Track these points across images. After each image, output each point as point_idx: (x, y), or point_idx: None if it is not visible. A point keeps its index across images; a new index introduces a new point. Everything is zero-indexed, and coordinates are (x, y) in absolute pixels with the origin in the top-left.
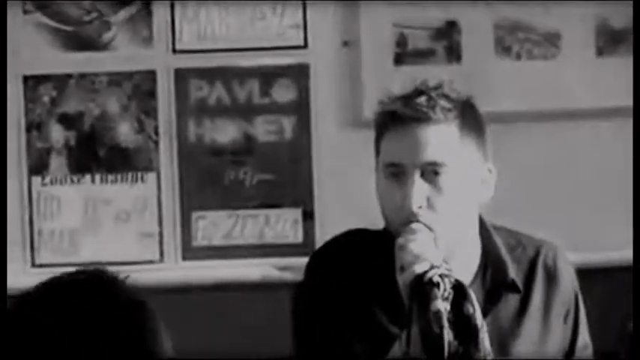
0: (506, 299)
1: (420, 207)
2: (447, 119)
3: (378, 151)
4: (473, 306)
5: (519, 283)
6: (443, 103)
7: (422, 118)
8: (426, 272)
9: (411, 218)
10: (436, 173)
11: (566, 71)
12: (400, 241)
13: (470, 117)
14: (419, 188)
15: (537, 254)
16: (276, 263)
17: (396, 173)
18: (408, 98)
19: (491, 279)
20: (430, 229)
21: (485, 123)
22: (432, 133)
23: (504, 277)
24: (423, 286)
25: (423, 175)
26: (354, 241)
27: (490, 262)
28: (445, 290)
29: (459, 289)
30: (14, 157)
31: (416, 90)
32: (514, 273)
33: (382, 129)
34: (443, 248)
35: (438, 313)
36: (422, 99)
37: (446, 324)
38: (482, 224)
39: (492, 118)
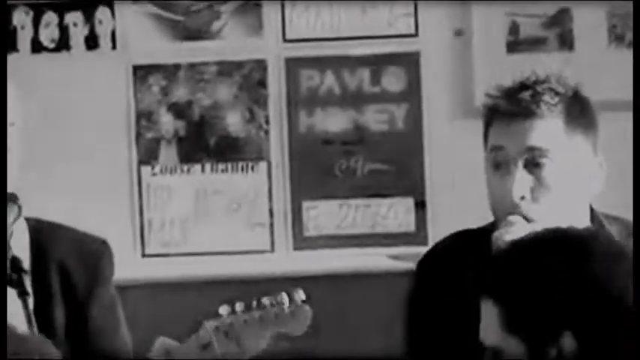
0: None
1: (523, 198)
2: (551, 113)
3: (485, 140)
4: None
5: None
6: (547, 98)
7: (525, 114)
8: None
9: (512, 209)
10: (539, 165)
11: None
12: (496, 234)
13: (577, 110)
14: (521, 179)
15: None
16: (388, 252)
17: (499, 162)
18: (512, 93)
19: None
20: (529, 220)
21: (596, 116)
22: (536, 127)
23: None
24: None
25: (526, 166)
26: (462, 240)
27: None
28: None
29: None
30: (124, 147)
31: (522, 84)
32: None
33: (488, 121)
34: None
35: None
36: (526, 94)
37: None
38: (593, 215)
39: (604, 106)
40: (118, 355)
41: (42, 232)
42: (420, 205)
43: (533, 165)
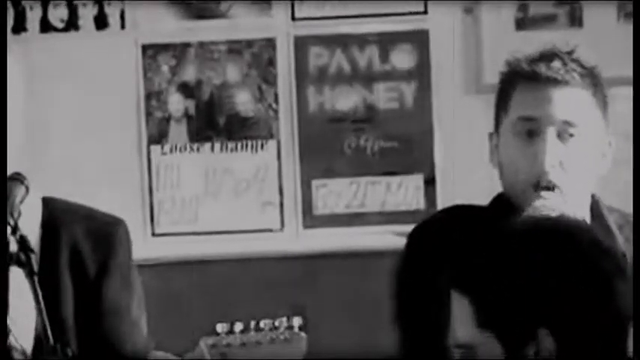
0: None
1: (553, 166)
2: (582, 84)
3: (503, 110)
4: None
5: (629, 257)
6: (577, 68)
7: (560, 81)
8: None
9: (541, 178)
10: (570, 135)
11: None
12: (536, 204)
13: (599, 86)
14: (554, 147)
15: None
16: (398, 230)
17: (529, 130)
18: (543, 60)
19: None
20: (556, 188)
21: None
22: (569, 95)
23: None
24: None
25: (557, 135)
26: (458, 214)
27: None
28: None
29: None
30: (134, 126)
31: (549, 53)
32: (624, 247)
33: (513, 86)
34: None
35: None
36: (557, 63)
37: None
38: (594, 201)
39: (613, 82)
40: (129, 338)
41: (56, 212)
42: (430, 183)
43: (564, 134)
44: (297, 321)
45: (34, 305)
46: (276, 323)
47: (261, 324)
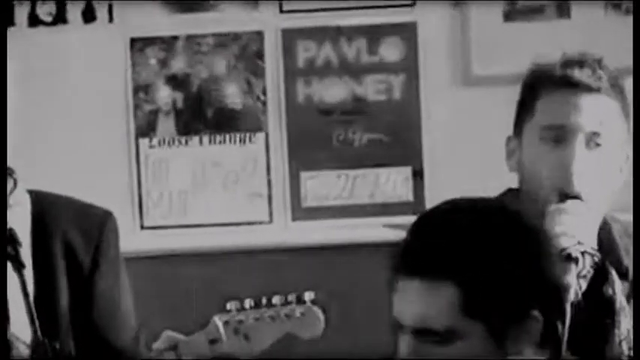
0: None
1: (580, 174)
2: (611, 93)
3: (526, 115)
4: (613, 289)
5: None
6: (606, 75)
7: (591, 87)
8: (568, 247)
9: (567, 185)
10: (597, 144)
11: None
12: (552, 210)
13: (625, 97)
14: (582, 154)
15: None
16: (386, 222)
17: (556, 137)
18: (572, 65)
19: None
20: (583, 195)
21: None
22: (599, 103)
23: (619, 263)
24: (562, 259)
25: (585, 144)
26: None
27: (604, 248)
28: (583, 268)
29: (601, 269)
30: (122, 119)
31: (578, 59)
32: (627, 260)
33: (539, 91)
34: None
35: (566, 287)
36: (587, 70)
37: (570, 300)
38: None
39: None
40: (120, 331)
41: (45, 205)
42: (418, 175)
43: (591, 143)
44: (308, 295)
45: (22, 299)
46: (289, 298)
47: (274, 300)
